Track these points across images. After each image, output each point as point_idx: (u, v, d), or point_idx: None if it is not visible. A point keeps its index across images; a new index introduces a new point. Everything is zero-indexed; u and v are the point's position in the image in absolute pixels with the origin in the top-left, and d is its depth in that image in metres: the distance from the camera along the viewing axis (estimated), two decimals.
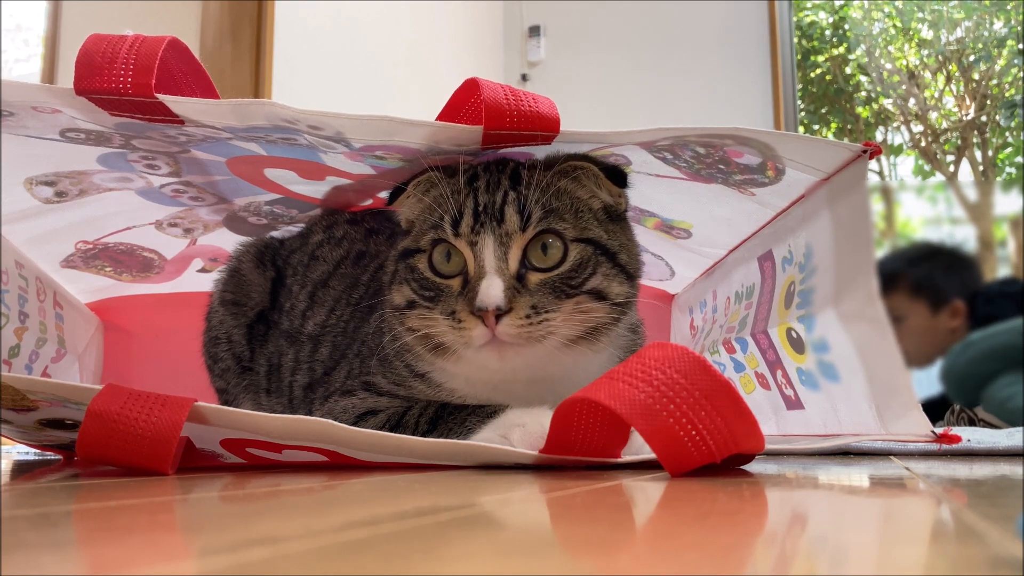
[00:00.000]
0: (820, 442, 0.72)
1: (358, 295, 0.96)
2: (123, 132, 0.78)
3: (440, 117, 0.81)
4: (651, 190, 0.88)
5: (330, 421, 0.63)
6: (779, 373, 0.86)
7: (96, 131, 0.78)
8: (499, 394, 0.78)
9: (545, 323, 0.72)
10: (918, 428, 0.65)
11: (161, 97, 0.68)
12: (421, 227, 0.79)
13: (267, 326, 1.03)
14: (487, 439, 0.70)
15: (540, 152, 0.81)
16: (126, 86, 0.68)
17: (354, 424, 0.77)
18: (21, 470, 0.79)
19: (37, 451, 0.97)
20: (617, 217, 0.81)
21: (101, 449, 0.59)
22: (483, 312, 0.71)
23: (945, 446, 0.93)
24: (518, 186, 0.75)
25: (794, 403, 0.83)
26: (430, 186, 0.78)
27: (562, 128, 0.74)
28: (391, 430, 0.75)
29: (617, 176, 0.78)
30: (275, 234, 1.10)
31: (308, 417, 0.63)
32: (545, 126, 0.73)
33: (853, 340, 0.71)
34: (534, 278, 0.73)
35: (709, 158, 0.78)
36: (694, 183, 0.84)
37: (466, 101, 0.78)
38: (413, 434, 0.74)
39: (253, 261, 1.05)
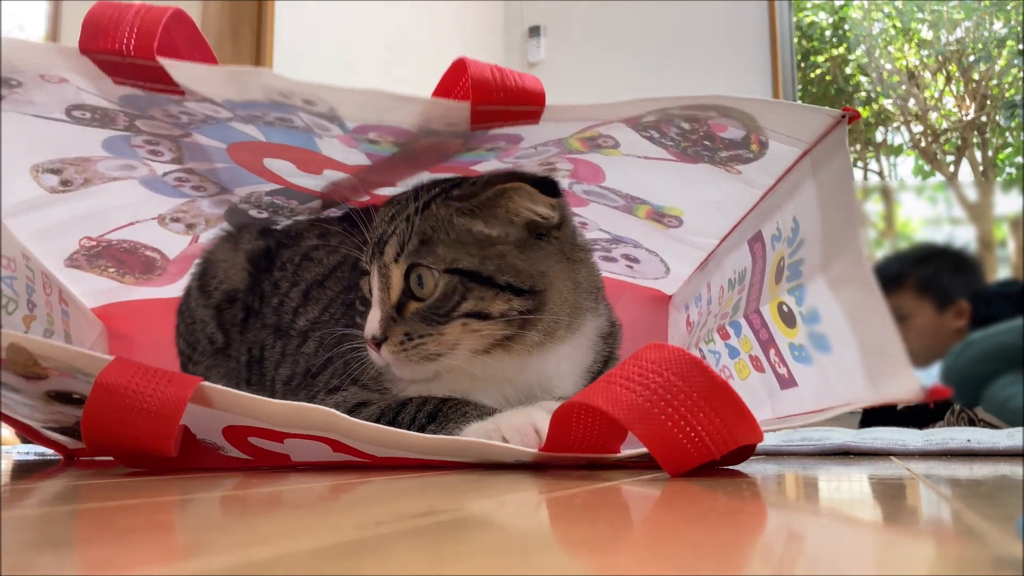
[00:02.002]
0: (813, 418, 0.73)
1: (352, 296, 0.97)
2: (127, 110, 0.79)
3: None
4: (641, 174, 0.89)
5: (331, 410, 0.64)
6: (772, 352, 0.86)
7: (101, 108, 0.79)
8: (466, 391, 0.82)
9: (421, 347, 0.77)
10: (909, 387, 0.66)
11: (161, 60, 0.70)
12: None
13: (246, 312, 1.04)
14: (483, 432, 0.71)
15: (528, 131, 0.82)
16: (128, 47, 0.70)
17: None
18: (21, 470, 0.79)
19: (37, 452, 0.97)
20: (541, 234, 0.81)
21: (106, 423, 0.61)
22: (368, 340, 0.79)
23: (945, 439, 0.94)
24: (414, 217, 0.80)
25: (787, 381, 0.84)
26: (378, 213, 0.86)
27: (548, 103, 0.75)
28: (387, 423, 0.76)
29: (548, 187, 0.79)
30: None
31: (310, 405, 0.64)
32: (531, 100, 0.75)
33: (842, 304, 0.72)
34: (411, 307, 0.78)
35: (695, 134, 0.79)
36: (682, 164, 0.85)
37: (455, 83, 0.80)
38: (410, 428, 0.75)
39: (226, 243, 1.07)
